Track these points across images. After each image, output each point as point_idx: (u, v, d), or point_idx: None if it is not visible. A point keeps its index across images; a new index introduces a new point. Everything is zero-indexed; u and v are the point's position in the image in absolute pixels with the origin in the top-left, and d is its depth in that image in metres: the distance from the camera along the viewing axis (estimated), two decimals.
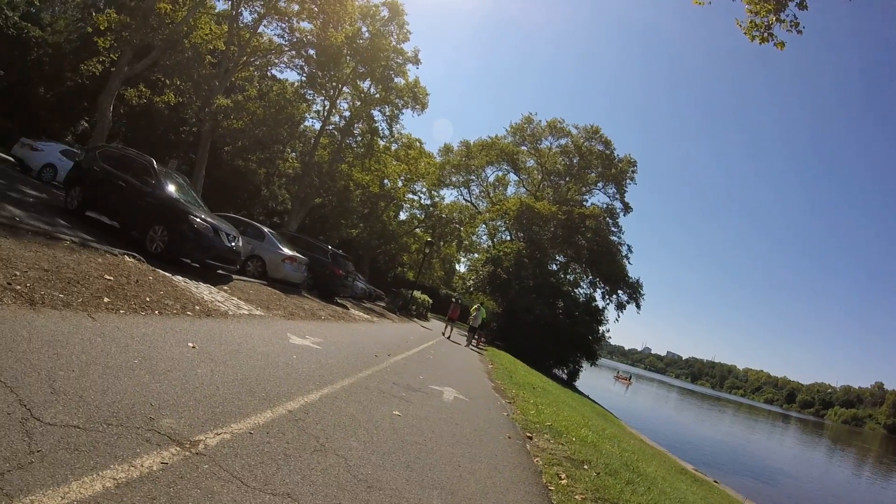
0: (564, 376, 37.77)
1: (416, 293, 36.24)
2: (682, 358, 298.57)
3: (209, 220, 11.32)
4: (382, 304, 33.42)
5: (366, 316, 20.29)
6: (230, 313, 8.62)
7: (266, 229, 17.55)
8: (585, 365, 40.67)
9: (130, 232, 11.24)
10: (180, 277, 9.31)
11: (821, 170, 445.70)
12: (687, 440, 29.16)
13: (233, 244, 11.89)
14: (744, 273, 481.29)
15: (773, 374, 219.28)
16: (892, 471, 43.85)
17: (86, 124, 33.46)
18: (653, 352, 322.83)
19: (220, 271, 12.24)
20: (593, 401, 28.20)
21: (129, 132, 35.73)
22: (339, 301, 20.69)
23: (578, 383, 38.48)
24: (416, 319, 31.98)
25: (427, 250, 40.45)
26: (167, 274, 8.96)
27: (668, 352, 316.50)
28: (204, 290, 9.35)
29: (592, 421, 12.93)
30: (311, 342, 8.74)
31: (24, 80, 30.09)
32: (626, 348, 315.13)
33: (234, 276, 12.83)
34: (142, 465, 2.76)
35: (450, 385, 9.62)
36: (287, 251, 16.68)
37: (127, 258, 8.55)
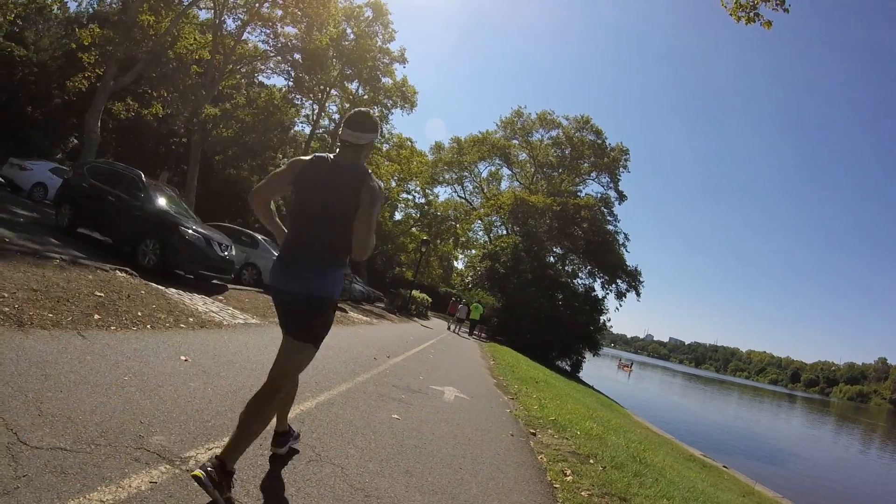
0: (568, 368, 37.83)
1: (415, 292, 36.18)
2: (684, 343, 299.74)
3: (200, 230, 11.27)
4: (381, 305, 33.35)
5: (364, 318, 20.21)
6: (225, 323, 8.56)
7: (260, 237, 17.49)
8: (588, 355, 40.71)
9: (122, 247, 11.20)
10: (174, 290, 9.26)
11: (817, 145, 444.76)
12: (694, 425, 29.17)
13: (226, 253, 11.84)
14: (744, 255, 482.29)
15: (777, 355, 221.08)
16: None
17: (76, 141, 33.41)
18: (655, 338, 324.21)
19: (214, 281, 12.19)
20: (598, 391, 28.20)
21: (119, 147, 35.67)
22: (337, 305, 20.59)
23: (582, 374, 38.49)
24: (415, 319, 31.93)
25: (423, 249, 40.37)
26: (160, 287, 8.90)
27: (670, 338, 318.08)
28: (198, 302, 9.29)
29: (597, 412, 12.88)
30: None
31: (10, 99, 30.01)
32: (629, 336, 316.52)
33: (229, 286, 12.76)
34: (130, 486, 2.70)
35: (451, 384, 9.57)
36: None
37: (118, 273, 8.49)
